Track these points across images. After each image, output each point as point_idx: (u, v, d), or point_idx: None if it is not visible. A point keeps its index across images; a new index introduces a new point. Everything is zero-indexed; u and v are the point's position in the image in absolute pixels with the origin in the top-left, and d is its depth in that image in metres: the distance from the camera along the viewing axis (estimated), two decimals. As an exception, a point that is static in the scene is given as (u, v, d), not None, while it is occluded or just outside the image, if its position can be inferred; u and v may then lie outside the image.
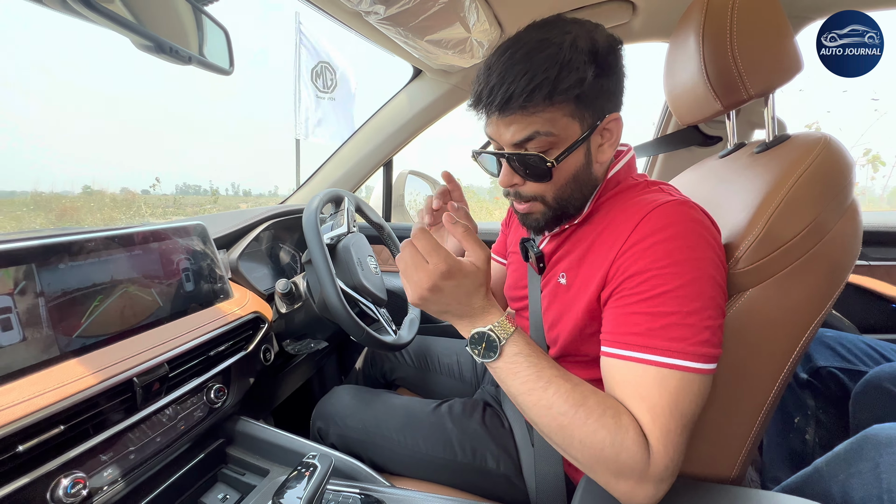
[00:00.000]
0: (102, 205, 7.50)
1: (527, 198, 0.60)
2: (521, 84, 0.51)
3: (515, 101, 0.52)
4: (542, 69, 0.51)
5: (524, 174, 0.58)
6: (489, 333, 0.51)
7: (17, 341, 0.52)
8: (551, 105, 0.52)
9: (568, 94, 0.52)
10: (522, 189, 0.60)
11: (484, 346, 0.51)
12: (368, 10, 0.83)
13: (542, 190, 0.59)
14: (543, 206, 0.60)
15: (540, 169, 0.56)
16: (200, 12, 0.63)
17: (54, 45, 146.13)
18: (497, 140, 0.58)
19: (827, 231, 0.53)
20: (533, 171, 0.57)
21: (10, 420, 0.47)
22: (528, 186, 0.59)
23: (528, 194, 0.60)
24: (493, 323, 0.52)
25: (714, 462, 0.61)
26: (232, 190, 13.07)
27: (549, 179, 0.57)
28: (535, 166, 0.56)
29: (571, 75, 0.51)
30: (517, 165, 0.57)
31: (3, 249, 0.53)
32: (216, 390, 0.74)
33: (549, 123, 0.53)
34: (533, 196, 0.60)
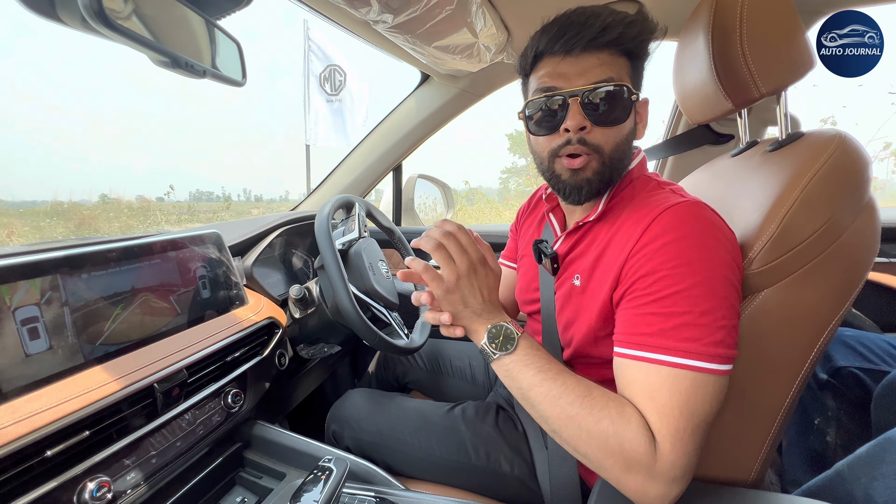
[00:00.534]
0: (119, 213, 7.68)
1: (590, 147, 0.58)
2: (618, 18, 0.56)
3: (610, 32, 0.55)
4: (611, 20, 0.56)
5: (598, 115, 0.57)
6: (507, 326, 0.55)
7: (44, 349, 0.54)
8: (617, 54, 0.57)
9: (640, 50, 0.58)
10: (589, 136, 0.58)
11: (502, 339, 0.55)
12: (377, 20, 0.84)
13: (606, 139, 0.58)
14: (598, 162, 0.59)
15: (622, 104, 0.57)
16: (213, 26, 0.65)
17: (70, 59, 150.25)
18: (562, 83, 0.58)
19: (843, 230, 0.52)
20: (612, 108, 0.57)
21: (40, 426, 0.49)
22: (594, 133, 0.58)
23: (592, 142, 0.58)
24: (507, 321, 0.56)
25: (732, 464, 0.61)
26: (244, 195, 13.29)
27: (625, 119, 0.58)
28: (618, 100, 0.56)
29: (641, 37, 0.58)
30: (594, 104, 0.56)
31: (30, 261, 0.55)
32: (233, 395, 0.76)
33: (618, 74, 0.57)
34: (596, 146, 0.58)
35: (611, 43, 0.56)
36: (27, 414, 0.49)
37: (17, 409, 0.49)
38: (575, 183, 0.60)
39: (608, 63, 0.57)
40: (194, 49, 0.61)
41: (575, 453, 0.51)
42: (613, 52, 0.57)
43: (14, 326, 0.52)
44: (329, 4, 0.80)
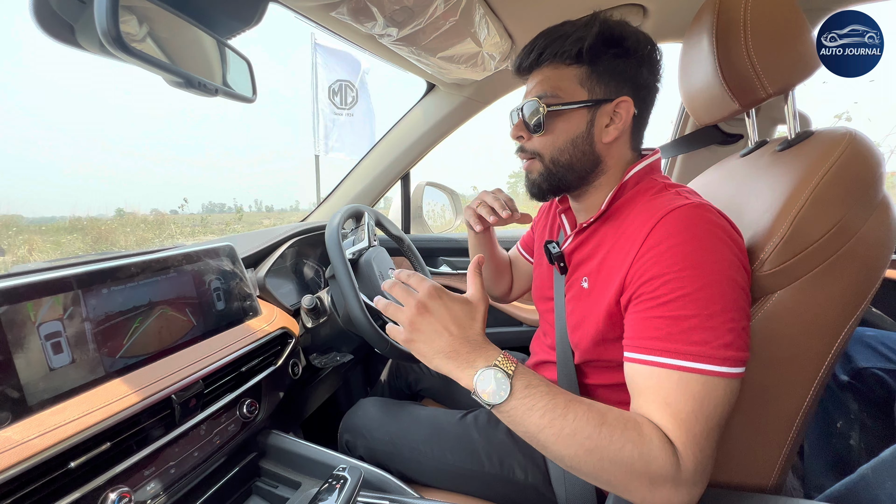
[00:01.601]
0: (135, 226, 7.85)
1: (528, 153, 0.67)
2: (540, 43, 0.63)
3: (533, 56, 0.64)
4: (558, 34, 0.62)
5: (527, 125, 0.65)
6: (495, 370, 0.48)
7: (66, 363, 0.56)
8: (562, 65, 0.62)
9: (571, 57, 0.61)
10: (526, 143, 0.67)
11: (493, 387, 0.47)
12: (382, 33, 0.86)
13: (541, 146, 0.65)
14: (541, 165, 0.66)
15: (535, 116, 0.63)
16: (224, 46, 0.67)
17: (85, 80, 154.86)
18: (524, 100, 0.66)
19: (857, 229, 0.51)
20: (532, 120, 0.64)
21: (63, 438, 0.50)
22: (530, 141, 0.66)
23: (529, 149, 0.67)
24: (496, 358, 0.49)
25: (751, 470, 0.60)
26: (255, 206, 13.49)
27: (541, 131, 0.64)
28: (532, 113, 0.64)
29: (577, 42, 0.60)
30: (522, 115, 0.66)
31: (53, 277, 0.57)
32: (248, 405, 0.77)
33: (558, 85, 0.62)
34: (533, 151, 0.66)
35: (549, 59, 0.63)
36: (51, 427, 0.50)
37: (42, 422, 0.51)
38: (527, 183, 0.70)
39: (548, 77, 0.63)
40: (206, 68, 0.63)
41: (597, 482, 0.48)
42: (556, 66, 0.63)
43: (39, 341, 0.53)
44: (335, 20, 0.82)
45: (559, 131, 0.63)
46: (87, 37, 0.52)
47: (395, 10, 0.80)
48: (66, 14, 0.51)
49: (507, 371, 0.48)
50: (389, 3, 0.78)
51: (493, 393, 0.47)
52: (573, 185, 0.67)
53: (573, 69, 0.62)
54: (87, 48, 0.54)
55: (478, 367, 0.49)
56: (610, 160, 0.65)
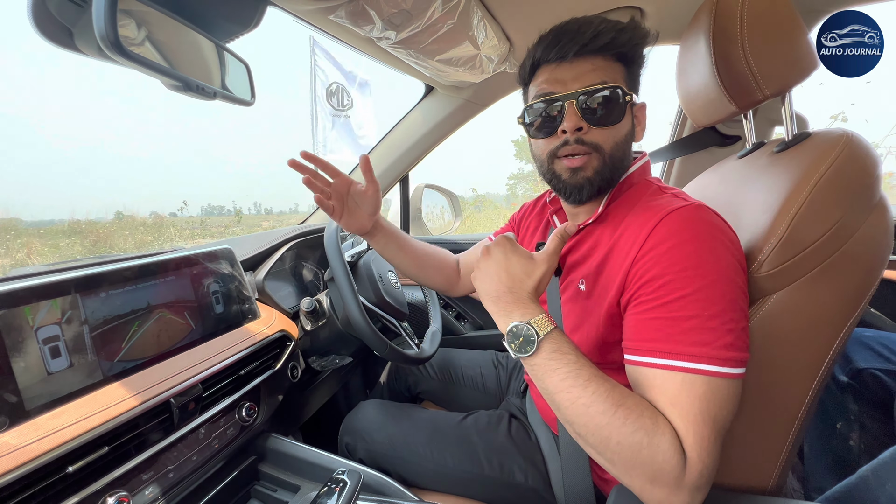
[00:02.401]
0: (134, 229, 7.84)
1: (588, 146, 0.60)
2: (609, 25, 0.58)
3: (601, 38, 0.57)
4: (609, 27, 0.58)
5: (595, 116, 0.59)
6: (528, 327, 0.50)
7: (65, 367, 0.56)
8: (611, 59, 0.59)
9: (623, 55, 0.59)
10: (586, 135, 0.59)
11: (521, 340, 0.50)
12: (380, 37, 0.86)
13: (605, 139, 0.60)
14: (599, 161, 0.60)
15: (617, 105, 0.58)
16: (223, 49, 0.67)
17: (83, 82, 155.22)
18: (559, 88, 0.60)
19: (854, 231, 0.51)
20: (607, 109, 0.58)
21: (61, 442, 0.50)
22: (592, 133, 0.60)
23: (590, 141, 0.60)
24: (534, 317, 0.51)
25: (751, 472, 0.59)
26: (254, 209, 13.49)
27: (621, 120, 0.59)
28: (612, 102, 0.58)
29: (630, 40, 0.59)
30: (589, 106, 0.58)
31: (51, 281, 0.57)
32: (247, 408, 0.77)
33: (614, 77, 0.59)
34: (594, 145, 0.60)
35: (603, 48, 0.58)
36: (50, 431, 0.50)
37: (39, 426, 0.50)
38: (575, 182, 0.62)
39: (602, 67, 0.59)
40: (205, 72, 0.63)
41: (599, 458, 0.49)
42: (607, 57, 0.59)
43: (37, 345, 0.53)
44: (333, 23, 0.82)
45: (622, 125, 0.60)
46: (86, 41, 0.53)
47: (393, 14, 0.80)
48: (64, 18, 0.51)
49: (539, 331, 0.50)
50: (387, 7, 0.78)
51: (519, 346, 0.50)
52: (614, 185, 0.64)
53: (618, 65, 0.60)
54: (86, 52, 0.54)
55: (513, 319, 0.51)
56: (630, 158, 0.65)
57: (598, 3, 0.97)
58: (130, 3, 0.51)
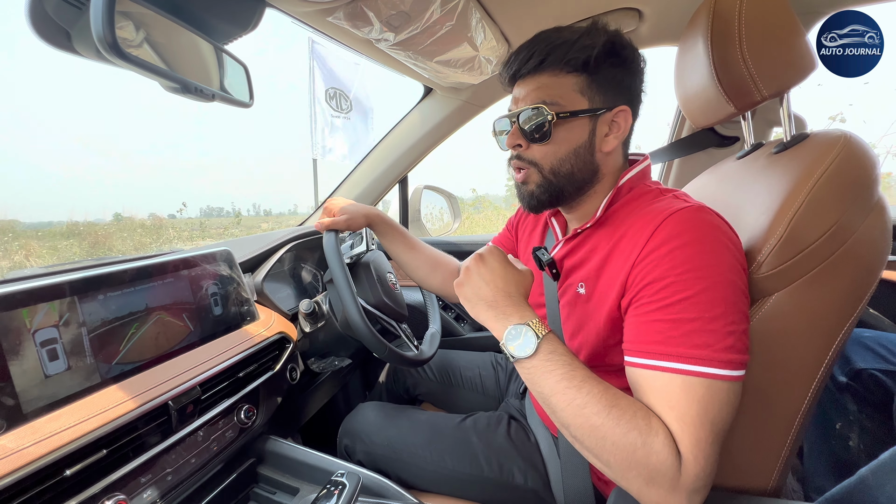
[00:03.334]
0: (133, 231, 7.83)
1: (526, 161, 0.64)
2: (539, 49, 0.60)
3: (532, 61, 0.60)
4: (560, 41, 0.59)
5: (526, 134, 0.62)
6: (526, 328, 0.51)
7: (62, 370, 0.55)
8: (562, 73, 0.60)
9: (576, 65, 0.59)
10: (524, 152, 0.64)
11: (520, 342, 0.51)
12: (379, 38, 0.86)
13: (542, 156, 0.63)
14: (539, 176, 0.64)
15: (541, 124, 0.60)
16: (221, 51, 0.67)
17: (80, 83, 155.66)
18: (513, 106, 0.64)
19: (853, 231, 0.51)
20: (534, 128, 0.61)
21: (59, 445, 0.50)
22: (529, 150, 0.63)
23: (527, 157, 0.63)
24: (531, 319, 0.53)
25: (750, 473, 0.59)
26: (253, 210, 13.50)
27: (547, 139, 0.61)
28: (537, 121, 0.60)
29: (584, 50, 0.58)
30: (522, 123, 0.62)
31: (48, 284, 0.57)
32: (246, 410, 0.76)
33: (558, 93, 0.60)
34: (531, 161, 0.63)
35: (547, 66, 0.60)
36: (47, 434, 0.50)
37: (37, 429, 0.50)
38: (522, 194, 0.67)
39: (546, 85, 0.61)
40: (203, 74, 0.63)
41: (595, 461, 0.49)
42: (555, 73, 0.60)
43: (34, 348, 0.53)
44: (332, 25, 0.82)
45: (562, 140, 0.61)
46: (84, 42, 0.52)
47: (392, 15, 0.80)
48: (62, 20, 0.51)
49: (537, 332, 0.51)
50: (386, 8, 0.78)
51: (518, 347, 0.51)
52: (571, 196, 0.65)
53: (573, 77, 0.60)
54: (84, 54, 0.54)
55: (511, 321, 0.53)
56: (605, 168, 0.64)
57: (595, 5, 0.97)
58: (128, 5, 0.51)
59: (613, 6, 0.98)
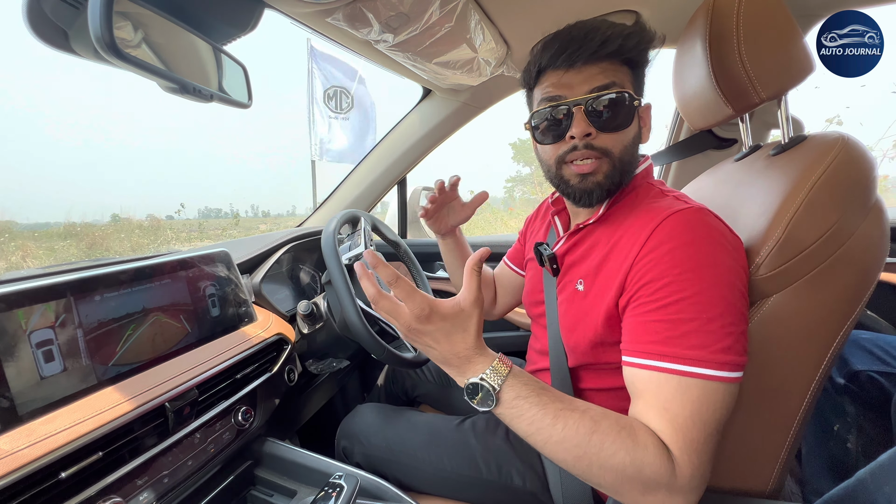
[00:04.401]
0: (130, 232, 7.81)
1: (598, 151, 0.59)
2: (616, 31, 0.57)
3: (610, 44, 0.57)
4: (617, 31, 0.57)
5: (603, 121, 0.58)
6: (481, 384, 0.49)
7: (58, 372, 0.55)
8: (617, 63, 0.59)
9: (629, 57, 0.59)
10: (595, 140, 0.59)
11: (480, 396, 0.49)
12: (378, 39, 0.86)
13: (614, 143, 0.59)
14: (609, 165, 0.60)
15: (625, 109, 0.58)
16: (220, 52, 0.67)
17: (78, 83, 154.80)
18: (566, 92, 0.60)
19: (851, 233, 0.51)
20: (615, 114, 0.58)
21: (54, 448, 0.49)
22: (600, 138, 0.59)
23: (599, 146, 0.59)
24: (485, 371, 0.50)
25: (748, 475, 0.59)
26: (252, 212, 13.49)
27: (629, 125, 0.59)
28: (620, 106, 0.58)
29: (641, 44, 0.59)
30: (597, 111, 0.58)
31: (44, 284, 0.56)
32: (243, 412, 0.76)
33: (622, 81, 0.59)
34: (603, 150, 0.59)
35: (611, 54, 0.58)
36: (42, 436, 0.50)
37: (32, 431, 0.50)
38: (584, 187, 0.61)
39: (609, 71, 0.59)
40: (202, 74, 0.63)
41: (588, 482, 0.49)
42: (614, 62, 0.59)
43: (30, 349, 0.53)
44: (331, 26, 0.82)
45: (631, 128, 0.60)
46: (82, 43, 0.52)
47: (391, 17, 0.80)
48: (59, 20, 0.51)
49: (494, 384, 0.49)
50: (385, 10, 0.78)
51: (479, 402, 0.50)
52: (622, 186, 0.63)
53: (625, 68, 0.60)
54: (82, 54, 0.54)
55: (467, 376, 0.51)
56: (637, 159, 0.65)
57: (595, 7, 0.97)
58: (127, 5, 0.51)
59: (612, 8, 0.99)
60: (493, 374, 0.49)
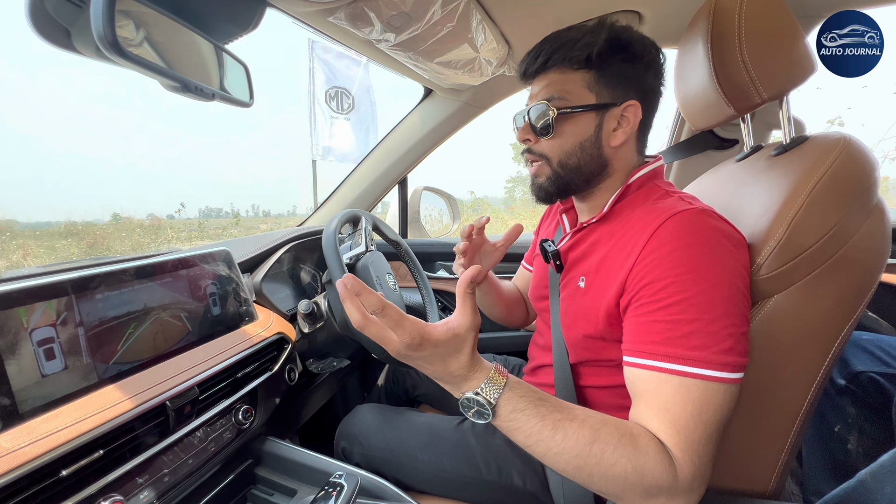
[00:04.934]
0: (131, 231, 7.82)
1: (535, 155, 0.67)
2: (547, 48, 0.63)
3: (540, 60, 0.63)
4: (566, 39, 0.62)
5: (534, 128, 0.65)
6: (476, 398, 0.48)
7: (59, 370, 0.55)
8: (569, 70, 0.62)
9: (580, 62, 0.61)
10: (534, 146, 0.67)
11: (475, 410, 0.48)
12: (380, 39, 0.86)
13: (549, 149, 0.65)
14: (549, 169, 0.66)
15: (545, 118, 0.63)
16: (222, 50, 0.67)
17: (82, 82, 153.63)
18: (529, 102, 0.67)
19: (852, 234, 0.51)
20: (540, 123, 0.64)
21: (55, 446, 0.49)
22: (538, 144, 0.66)
23: (536, 151, 0.67)
24: (480, 386, 0.48)
25: (749, 475, 0.59)
26: (252, 211, 13.50)
27: (551, 133, 0.64)
28: (541, 116, 0.63)
29: (587, 47, 0.60)
30: (530, 118, 0.65)
31: (46, 283, 0.56)
32: (244, 411, 0.76)
33: (565, 89, 0.62)
34: (540, 154, 0.66)
35: (556, 64, 0.63)
36: (43, 434, 0.50)
37: (33, 429, 0.50)
38: (533, 186, 0.70)
39: (555, 82, 0.63)
40: (203, 73, 0.63)
41: (591, 490, 0.49)
42: (563, 70, 0.63)
43: (31, 347, 0.53)
44: (333, 25, 0.82)
45: (567, 134, 0.63)
46: (84, 41, 0.52)
47: (393, 16, 0.80)
48: (62, 18, 0.51)
49: (490, 399, 0.47)
50: (387, 9, 0.78)
51: (475, 415, 0.48)
52: (580, 188, 0.67)
53: (581, 74, 0.62)
54: (84, 52, 0.54)
55: (462, 391, 0.49)
56: (616, 163, 0.65)
57: (596, 8, 0.97)
58: (129, 4, 0.51)
59: (613, 8, 0.99)
60: (489, 388, 0.47)
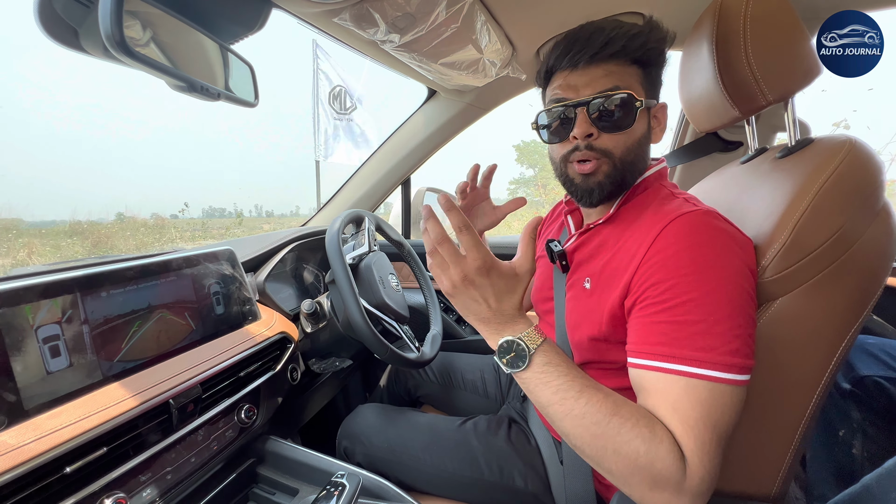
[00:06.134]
0: (135, 231, 7.86)
1: (598, 152, 0.61)
2: (622, 31, 0.58)
3: (613, 45, 0.58)
4: (626, 31, 0.58)
5: (603, 122, 0.60)
6: (518, 342, 0.50)
7: (64, 367, 0.55)
8: (626, 63, 0.59)
9: (639, 57, 0.59)
10: (596, 142, 0.61)
11: (513, 355, 0.50)
12: (384, 39, 0.86)
13: (615, 144, 0.61)
14: (609, 166, 0.61)
15: (625, 111, 0.59)
16: (227, 51, 0.67)
17: (86, 85, 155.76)
18: (571, 94, 0.61)
19: (857, 237, 0.51)
20: (616, 116, 0.59)
21: (59, 442, 0.50)
22: (602, 139, 0.61)
23: (600, 147, 0.61)
24: (522, 332, 0.50)
25: (753, 479, 0.59)
26: (255, 211, 13.56)
27: (630, 126, 0.60)
28: (621, 109, 0.59)
29: (653, 44, 0.59)
30: (598, 112, 0.59)
31: (51, 280, 0.57)
32: (246, 410, 0.76)
33: (627, 83, 0.59)
34: (604, 151, 0.61)
35: (615, 55, 0.59)
36: (48, 431, 0.50)
37: (38, 425, 0.50)
38: (586, 186, 0.63)
39: (615, 73, 0.59)
40: (209, 73, 0.63)
41: (598, 467, 0.49)
42: (620, 62, 0.60)
43: (36, 344, 0.53)
44: (337, 26, 0.83)
45: (634, 129, 0.61)
46: (91, 41, 0.53)
47: (398, 17, 0.81)
48: (70, 18, 0.51)
49: (529, 346, 0.49)
50: (392, 10, 0.78)
51: (510, 361, 0.50)
52: (628, 187, 0.64)
53: (635, 68, 0.60)
54: (91, 52, 0.54)
55: (503, 335, 0.51)
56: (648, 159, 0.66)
57: (601, 9, 0.97)
58: (136, 4, 0.51)
59: (618, 10, 0.98)
60: (529, 337, 0.50)
